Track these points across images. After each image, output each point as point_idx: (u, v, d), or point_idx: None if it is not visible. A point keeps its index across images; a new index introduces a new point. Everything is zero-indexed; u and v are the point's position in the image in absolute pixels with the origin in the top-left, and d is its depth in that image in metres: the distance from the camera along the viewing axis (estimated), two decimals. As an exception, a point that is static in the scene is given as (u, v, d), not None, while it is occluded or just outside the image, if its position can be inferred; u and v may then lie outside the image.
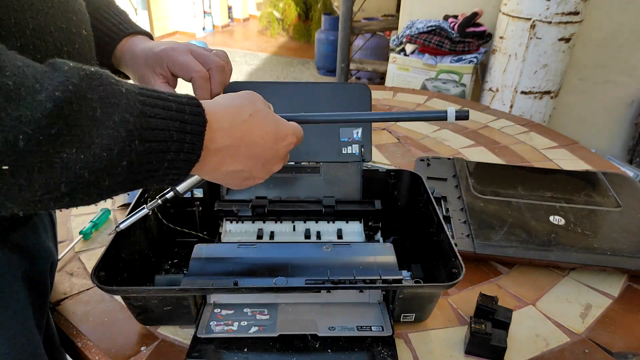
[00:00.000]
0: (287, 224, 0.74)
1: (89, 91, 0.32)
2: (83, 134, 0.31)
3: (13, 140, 0.28)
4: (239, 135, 0.42)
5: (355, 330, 0.57)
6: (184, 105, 0.38)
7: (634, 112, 2.25)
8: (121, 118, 0.33)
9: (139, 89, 0.36)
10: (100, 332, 0.59)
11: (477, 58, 2.08)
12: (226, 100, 0.44)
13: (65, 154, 0.30)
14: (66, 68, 0.31)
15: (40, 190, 0.31)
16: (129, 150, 0.34)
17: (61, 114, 0.30)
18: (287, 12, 5.07)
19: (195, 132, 0.38)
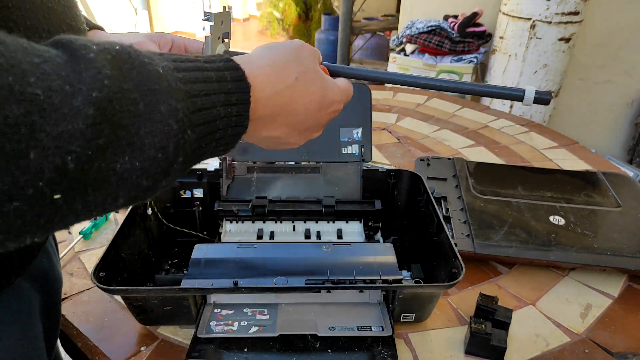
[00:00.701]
0: (287, 224, 0.74)
1: (125, 80, 0.26)
2: (130, 135, 0.26)
3: (62, 165, 0.23)
4: (282, 102, 0.37)
5: (355, 330, 0.57)
6: (223, 72, 0.32)
7: (634, 112, 2.25)
8: (168, 107, 0.28)
9: (173, 62, 0.30)
10: (100, 332, 0.59)
11: (477, 58, 2.08)
12: (269, 54, 0.37)
13: (118, 165, 0.26)
14: (91, 54, 0.26)
15: (97, 210, 0.27)
16: (183, 142, 0.29)
17: (105, 118, 0.25)
18: (287, 12, 5.07)
19: (241, 102, 0.33)
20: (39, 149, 0.22)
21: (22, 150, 0.22)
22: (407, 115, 1.31)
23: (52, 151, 0.23)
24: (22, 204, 0.22)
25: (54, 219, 0.24)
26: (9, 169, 0.21)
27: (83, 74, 0.25)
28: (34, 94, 0.22)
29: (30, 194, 0.22)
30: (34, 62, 0.23)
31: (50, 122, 0.23)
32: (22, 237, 0.24)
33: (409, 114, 1.32)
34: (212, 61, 0.32)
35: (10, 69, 0.22)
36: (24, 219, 0.23)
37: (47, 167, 0.23)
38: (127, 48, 0.28)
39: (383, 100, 1.41)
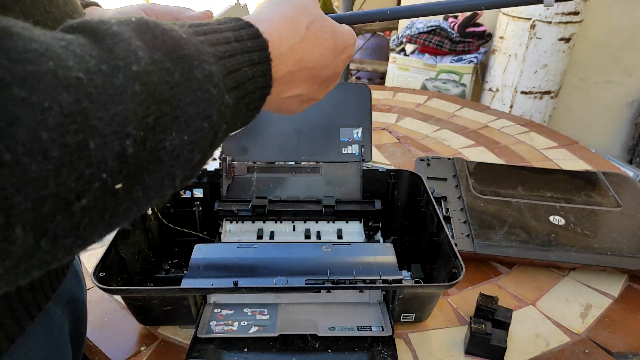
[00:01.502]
0: (287, 224, 0.74)
1: (152, 50, 0.24)
2: (174, 109, 0.24)
3: (121, 150, 0.21)
4: (298, 57, 0.35)
5: (355, 330, 0.57)
6: (238, 31, 0.30)
7: (634, 112, 2.25)
8: (202, 73, 0.25)
9: (189, 27, 0.28)
10: (100, 332, 0.59)
11: (477, 58, 2.08)
12: (275, 9, 0.35)
13: (167, 142, 0.24)
14: (114, 28, 0.23)
15: (156, 195, 0.25)
16: (224, 108, 0.27)
17: (149, 94, 0.22)
18: (287, 12, 5.07)
19: (263, 60, 0.31)
20: (98, 137, 0.20)
21: (82, 141, 0.20)
22: (407, 115, 1.31)
23: (109, 137, 0.21)
24: (89, 201, 0.21)
25: (118, 212, 0.23)
26: (73, 164, 0.20)
27: (114, 49, 0.22)
28: (77, 77, 0.20)
29: (95, 187, 0.21)
30: (62, 45, 0.21)
31: (100, 107, 0.21)
32: (89, 239, 0.22)
33: (409, 114, 1.32)
34: (224, 23, 0.31)
35: (47, 53, 0.20)
36: (91, 216, 0.21)
37: (108, 155, 0.21)
38: (142, 19, 0.26)
39: (383, 100, 1.41)
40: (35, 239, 0.19)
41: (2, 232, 0.18)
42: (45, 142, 0.19)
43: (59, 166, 0.19)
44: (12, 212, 0.18)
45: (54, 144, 0.19)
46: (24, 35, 0.19)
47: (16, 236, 0.19)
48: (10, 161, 0.18)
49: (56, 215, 0.20)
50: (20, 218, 0.18)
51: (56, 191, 0.19)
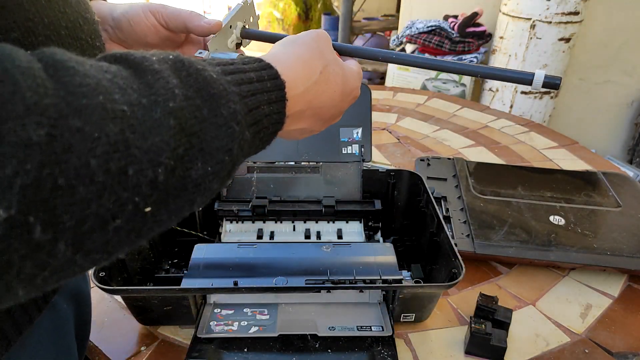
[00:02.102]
0: (287, 224, 0.74)
1: (186, 88, 0.26)
2: (200, 142, 0.26)
3: (154, 177, 0.23)
4: (309, 98, 0.38)
5: (355, 330, 0.57)
6: (260, 71, 0.33)
7: (634, 112, 2.25)
8: (228, 110, 0.28)
9: (218, 66, 0.30)
10: (100, 332, 0.59)
11: (477, 58, 2.08)
12: (294, 51, 0.38)
13: (193, 171, 0.26)
14: (155, 65, 0.26)
15: (176, 218, 0.27)
16: (243, 143, 0.29)
17: (181, 127, 0.25)
18: (287, 12, 5.07)
19: (279, 99, 0.34)
20: (136, 164, 0.23)
21: (122, 167, 0.22)
22: (407, 115, 1.31)
23: (145, 165, 0.23)
24: (122, 222, 0.23)
25: (142, 232, 0.25)
26: (112, 188, 0.22)
27: (155, 85, 0.25)
28: (121, 110, 0.23)
29: (129, 209, 0.23)
30: (108, 78, 0.23)
31: (139, 137, 0.23)
32: (114, 255, 0.24)
33: (409, 114, 1.32)
34: (248, 62, 0.33)
35: (98, 88, 0.22)
36: (120, 236, 0.23)
37: (143, 181, 0.23)
38: (179, 56, 0.28)
39: (383, 100, 1.41)
40: (73, 253, 0.21)
41: (48, 247, 0.20)
42: (93, 168, 0.21)
43: (102, 189, 0.21)
44: (58, 230, 0.20)
45: (100, 169, 0.21)
46: (79, 70, 0.22)
47: (57, 250, 0.21)
48: (62, 184, 0.20)
49: (93, 233, 0.22)
50: (64, 235, 0.21)
51: (97, 211, 0.21)
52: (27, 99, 0.19)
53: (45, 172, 0.19)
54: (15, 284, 0.20)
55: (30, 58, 0.21)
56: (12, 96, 0.19)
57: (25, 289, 0.21)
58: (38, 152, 0.19)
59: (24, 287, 0.21)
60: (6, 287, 0.20)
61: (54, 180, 0.20)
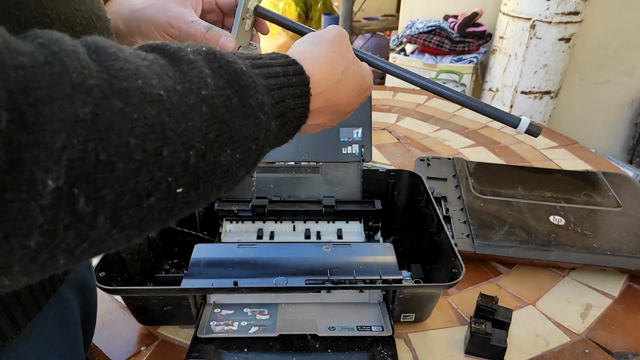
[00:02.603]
0: (287, 224, 0.74)
1: (218, 78, 0.28)
2: (230, 129, 0.27)
3: (186, 159, 0.25)
4: (330, 96, 0.39)
5: (355, 330, 0.57)
6: (286, 67, 0.34)
7: (634, 112, 2.25)
8: (256, 101, 0.29)
9: (246, 60, 0.32)
10: (100, 332, 0.59)
11: (477, 58, 2.08)
12: (319, 50, 0.39)
13: (222, 157, 0.27)
14: (190, 55, 0.27)
15: (204, 201, 0.28)
16: (269, 134, 0.31)
17: (212, 114, 0.26)
18: (287, 12, 5.08)
19: (304, 94, 0.35)
20: (170, 145, 0.24)
21: (158, 148, 0.23)
22: (407, 115, 1.31)
23: (178, 147, 0.24)
24: (155, 200, 0.24)
25: (173, 212, 0.26)
26: (149, 167, 0.23)
27: (189, 74, 0.26)
28: (158, 94, 0.24)
29: (163, 188, 0.24)
30: (146, 64, 0.25)
31: (174, 120, 0.24)
32: (145, 232, 0.25)
33: (409, 114, 1.32)
34: (274, 57, 0.35)
35: (137, 73, 0.23)
36: (153, 214, 0.24)
37: (176, 162, 0.24)
38: (211, 49, 0.29)
39: (383, 100, 1.41)
40: (110, 227, 0.23)
41: (89, 219, 0.21)
42: (132, 147, 0.22)
43: (139, 167, 0.23)
44: (99, 203, 0.21)
45: (138, 148, 0.22)
46: (119, 56, 0.23)
47: (97, 223, 0.22)
48: (104, 160, 0.21)
49: (129, 208, 0.23)
50: (104, 208, 0.22)
51: (134, 188, 0.23)
52: (74, 79, 0.21)
53: (89, 147, 0.20)
54: (58, 253, 0.21)
55: (76, 43, 0.22)
56: (60, 76, 0.20)
57: (66, 259, 0.22)
58: (84, 128, 0.20)
59: (65, 257, 0.22)
60: (50, 255, 0.21)
61: (96, 155, 0.21)
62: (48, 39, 0.21)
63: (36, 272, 0.21)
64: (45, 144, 0.19)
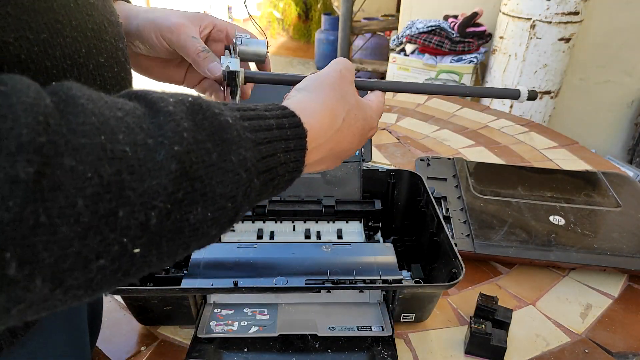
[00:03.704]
0: (287, 224, 0.74)
1: (199, 131, 0.26)
2: (204, 186, 0.26)
3: (145, 220, 0.23)
4: (331, 146, 0.38)
5: (355, 330, 0.57)
6: (281, 119, 0.33)
7: (634, 112, 2.25)
8: (238, 157, 0.28)
9: (238, 111, 0.31)
10: (101, 332, 0.59)
11: (477, 58, 2.08)
12: (318, 97, 0.38)
13: (191, 215, 0.26)
14: (170, 107, 0.26)
15: (169, 260, 0.27)
16: (249, 191, 0.29)
17: (184, 171, 0.25)
18: (287, 12, 5.08)
19: (298, 148, 0.33)
20: (127, 206, 0.22)
21: (112, 209, 0.22)
22: (407, 115, 1.31)
23: (137, 207, 0.23)
24: (107, 261, 0.23)
25: (130, 272, 0.25)
26: (99, 228, 0.22)
27: (164, 127, 0.25)
28: (122, 150, 0.23)
29: (115, 250, 0.23)
30: (118, 116, 0.24)
31: (136, 179, 0.23)
32: (99, 292, 0.24)
33: (409, 114, 1.32)
34: (271, 109, 0.33)
35: (101, 127, 0.22)
36: (104, 274, 0.23)
37: (133, 223, 0.23)
38: (198, 99, 0.28)
39: (383, 100, 1.41)
40: (51, 289, 0.21)
41: (24, 282, 0.20)
42: (79, 208, 0.21)
43: (86, 229, 0.21)
44: (37, 266, 0.20)
45: (87, 210, 0.21)
46: (87, 108, 0.22)
47: (35, 286, 0.21)
48: (44, 222, 0.20)
49: (74, 271, 0.22)
50: (42, 271, 0.20)
51: (79, 251, 0.21)
52: (23, 136, 0.19)
53: (27, 210, 0.19)
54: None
55: (41, 94, 0.21)
56: (8, 132, 0.19)
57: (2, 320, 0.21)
58: (23, 190, 0.19)
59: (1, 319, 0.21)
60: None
61: (36, 218, 0.20)
62: (12, 88, 0.20)
63: None
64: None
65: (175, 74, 0.52)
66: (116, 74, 0.37)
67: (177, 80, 0.53)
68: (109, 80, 0.36)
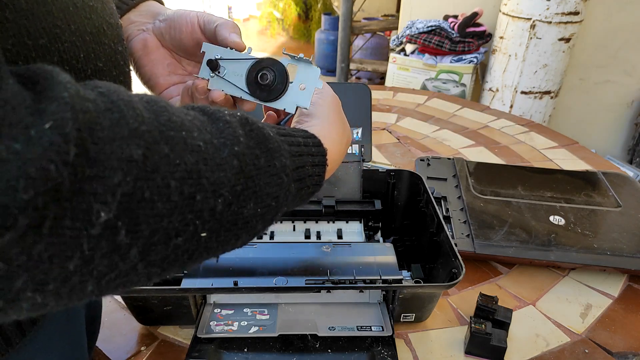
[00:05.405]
0: (287, 224, 0.74)
1: (250, 139, 0.31)
2: (255, 185, 0.30)
3: (214, 206, 0.27)
4: (337, 164, 0.43)
5: (355, 330, 0.57)
6: (307, 138, 0.38)
7: (634, 112, 2.25)
8: (280, 163, 0.32)
9: (273, 128, 0.35)
10: (100, 332, 0.59)
11: (477, 58, 2.08)
12: (333, 128, 0.43)
13: (245, 210, 0.30)
14: (227, 117, 0.30)
15: (222, 249, 0.30)
16: (288, 194, 0.34)
17: (241, 169, 0.29)
18: (287, 12, 5.07)
19: (321, 164, 0.38)
20: (203, 192, 0.26)
21: (192, 192, 0.25)
22: (407, 115, 1.31)
23: (209, 194, 0.26)
24: (182, 240, 0.26)
25: (194, 255, 0.28)
26: (182, 209, 0.25)
27: (225, 131, 0.29)
28: (198, 145, 0.26)
29: (190, 230, 0.26)
30: (189, 118, 0.28)
31: (209, 169, 0.27)
32: (165, 273, 0.27)
33: (409, 114, 1.32)
34: (296, 130, 0.38)
35: (182, 125, 0.26)
36: (177, 253, 0.26)
37: (205, 207, 0.26)
38: (244, 115, 0.32)
39: (383, 100, 1.41)
40: (139, 260, 0.24)
41: (124, 249, 0.23)
42: (172, 188, 0.24)
43: (174, 208, 0.25)
44: (135, 237, 0.23)
45: (176, 190, 0.25)
46: (168, 109, 0.26)
47: (129, 256, 0.23)
48: (147, 198, 0.23)
49: (158, 245, 0.25)
50: (138, 242, 0.23)
51: (166, 226, 0.24)
52: (130, 124, 0.23)
53: (138, 185, 0.23)
54: (89, 279, 0.22)
55: (131, 93, 0.25)
56: (118, 121, 0.23)
57: (93, 287, 0.23)
58: (136, 168, 0.23)
59: (92, 285, 0.23)
60: (81, 280, 0.22)
61: (142, 193, 0.23)
62: (107, 89, 0.24)
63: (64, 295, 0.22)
64: (104, 179, 0.21)
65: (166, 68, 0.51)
66: (114, 77, 0.37)
67: (160, 72, 0.51)
68: None
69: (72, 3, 0.32)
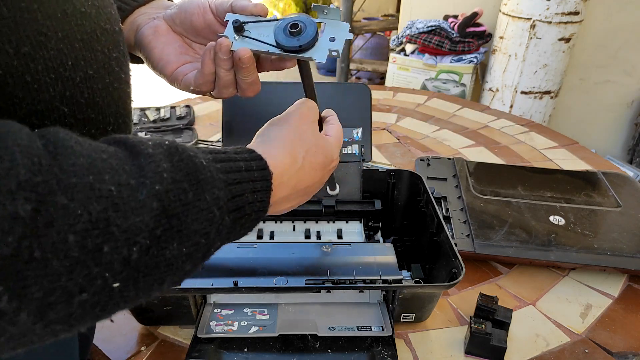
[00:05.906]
0: (287, 224, 0.74)
1: (176, 172, 0.28)
2: (180, 223, 0.28)
3: (128, 255, 0.25)
4: (294, 184, 0.40)
5: (355, 330, 0.57)
6: (249, 162, 0.35)
7: (634, 112, 2.25)
8: (212, 196, 0.30)
9: (209, 154, 0.32)
10: (100, 332, 0.59)
11: (477, 58, 2.08)
12: (280, 141, 0.40)
13: (167, 251, 0.27)
14: (149, 150, 0.28)
15: (144, 295, 0.28)
16: (221, 228, 0.31)
17: (163, 209, 0.26)
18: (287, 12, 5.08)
19: (264, 189, 0.36)
20: (112, 242, 0.24)
21: (98, 244, 0.23)
22: (407, 115, 1.31)
23: (121, 243, 0.24)
24: (88, 295, 0.24)
25: (107, 307, 0.26)
26: (86, 263, 0.23)
27: (145, 168, 0.27)
28: (108, 190, 0.24)
29: (97, 284, 0.24)
30: (103, 158, 0.25)
31: (121, 216, 0.24)
32: (75, 328, 0.25)
33: (409, 114, 1.32)
34: (239, 152, 0.36)
35: (90, 168, 0.24)
36: (85, 309, 0.24)
37: (116, 258, 0.24)
38: (174, 142, 0.30)
39: (383, 100, 1.41)
40: (33, 323, 0.22)
41: (10, 315, 0.21)
42: (70, 243, 0.22)
43: (74, 264, 0.22)
44: (24, 300, 0.21)
45: (76, 245, 0.22)
46: (76, 150, 0.24)
47: (19, 319, 0.21)
48: (37, 257, 0.21)
49: (58, 304, 0.22)
50: (29, 305, 0.21)
51: (65, 284, 0.22)
52: (21, 175, 0.21)
53: (24, 245, 0.20)
54: None
55: (33, 137, 0.23)
56: (7, 172, 0.20)
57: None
58: (21, 226, 0.20)
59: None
60: None
61: (30, 252, 0.21)
62: (5, 131, 0.21)
63: None
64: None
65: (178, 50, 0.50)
66: (107, 85, 0.36)
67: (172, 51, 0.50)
68: (98, 93, 0.35)
69: (61, 10, 0.30)
